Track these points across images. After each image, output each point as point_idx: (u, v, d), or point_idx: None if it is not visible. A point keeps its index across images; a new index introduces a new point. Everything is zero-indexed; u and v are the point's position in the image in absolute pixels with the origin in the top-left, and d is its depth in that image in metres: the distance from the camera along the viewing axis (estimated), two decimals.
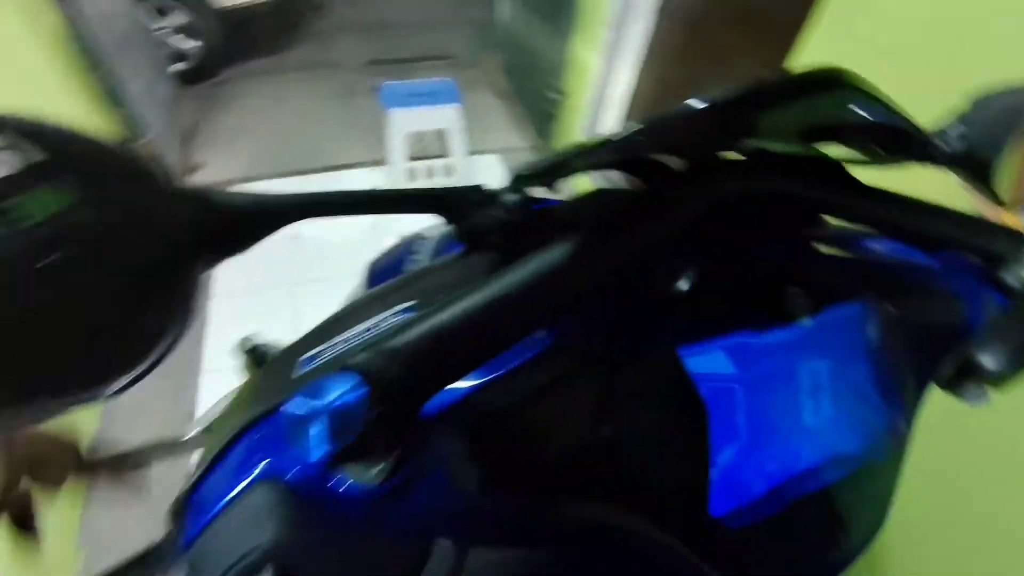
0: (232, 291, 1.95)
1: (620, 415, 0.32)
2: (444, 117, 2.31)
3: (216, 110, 2.87)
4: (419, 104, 2.44)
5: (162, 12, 2.76)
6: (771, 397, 0.31)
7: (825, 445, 0.30)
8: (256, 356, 0.53)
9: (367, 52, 3.43)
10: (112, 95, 1.92)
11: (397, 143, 2.29)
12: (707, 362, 0.31)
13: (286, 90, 3.09)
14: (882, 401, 0.32)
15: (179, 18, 2.81)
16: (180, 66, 2.88)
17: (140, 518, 1.63)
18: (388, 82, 2.56)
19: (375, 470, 0.21)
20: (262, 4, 3.09)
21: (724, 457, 0.30)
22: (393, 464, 0.21)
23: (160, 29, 2.76)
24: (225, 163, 2.57)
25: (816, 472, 0.30)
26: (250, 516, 0.24)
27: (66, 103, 1.72)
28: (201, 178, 2.47)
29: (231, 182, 2.46)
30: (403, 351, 0.23)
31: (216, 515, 0.25)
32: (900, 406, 0.34)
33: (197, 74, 2.97)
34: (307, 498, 0.23)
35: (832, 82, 0.31)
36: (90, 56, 1.80)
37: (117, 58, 1.94)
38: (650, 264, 0.34)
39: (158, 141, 2.20)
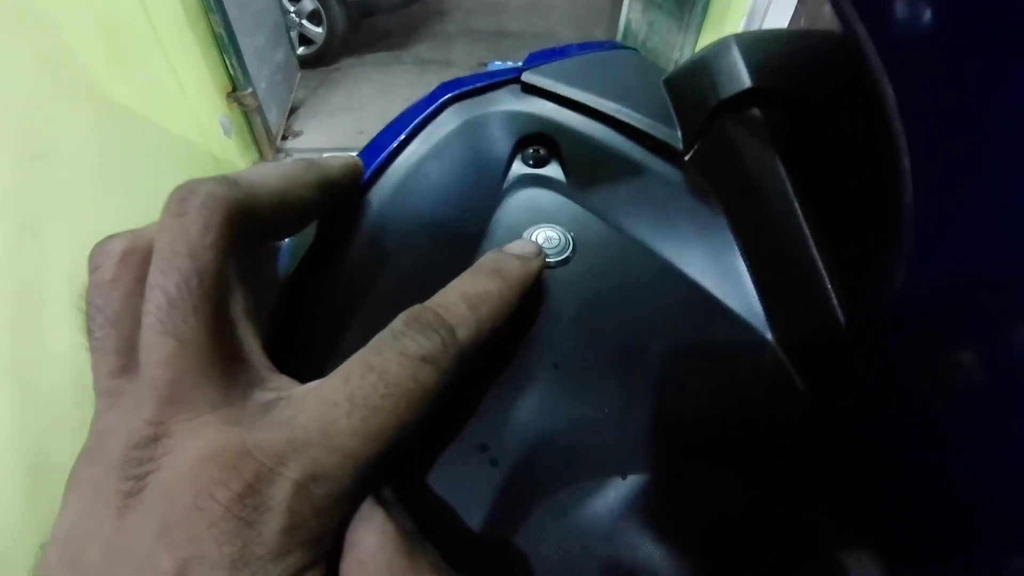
0: None
1: None
2: None
3: (325, 89, 2.94)
4: None
5: None
6: None
7: None
8: None
9: (481, 56, 3.41)
10: (223, 41, 1.95)
11: None
12: None
13: (395, 80, 3.11)
14: None
15: (309, 4, 2.94)
16: (303, 50, 3.00)
17: None
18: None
19: None
20: (388, 1, 3.17)
21: None
22: None
23: (291, 11, 2.90)
24: (323, 133, 2.58)
25: None
26: None
27: (181, 35, 1.75)
28: (297, 144, 2.50)
29: (324, 150, 2.45)
30: None
31: None
32: None
33: (318, 59, 3.08)
34: None
35: None
36: None
37: (236, 10, 1.99)
38: None
39: (263, 98, 2.22)
